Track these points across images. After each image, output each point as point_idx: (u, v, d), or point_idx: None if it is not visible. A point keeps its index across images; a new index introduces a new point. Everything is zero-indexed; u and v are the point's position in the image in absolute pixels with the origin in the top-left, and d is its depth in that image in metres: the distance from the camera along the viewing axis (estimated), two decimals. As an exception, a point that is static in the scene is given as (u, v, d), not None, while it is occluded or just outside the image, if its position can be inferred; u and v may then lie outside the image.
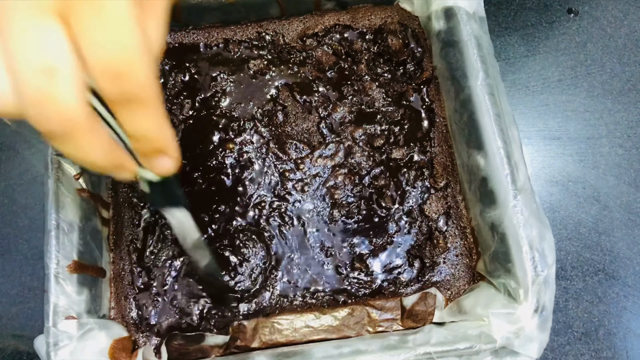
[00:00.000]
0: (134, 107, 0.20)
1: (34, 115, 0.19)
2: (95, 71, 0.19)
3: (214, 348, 0.40)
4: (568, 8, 0.55)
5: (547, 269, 0.35)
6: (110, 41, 0.18)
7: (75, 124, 0.19)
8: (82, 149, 0.21)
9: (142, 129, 0.22)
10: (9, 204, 0.51)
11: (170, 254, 0.43)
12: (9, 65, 0.19)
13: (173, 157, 0.24)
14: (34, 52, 0.18)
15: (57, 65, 0.18)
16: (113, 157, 0.22)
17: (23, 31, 0.18)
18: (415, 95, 0.47)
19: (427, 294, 0.41)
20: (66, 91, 0.18)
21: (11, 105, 0.19)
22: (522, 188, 0.37)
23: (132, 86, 0.20)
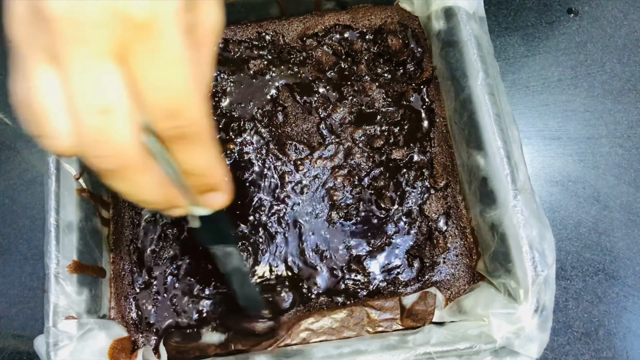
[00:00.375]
0: (188, 144, 0.21)
1: (91, 154, 0.20)
2: (151, 110, 0.20)
3: (210, 346, 0.40)
4: (568, 8, 0.55)
5: (547, 269, 0.35)
6: (165, 81, 0.19)
7: (130, 162, 0.20)
8: (136, 187, 0.21)
9: (196, 165, 0.22)
10: (9, 204, 0.51)
11: (171, 253, 0.43)
12: (69, 106, 0.19)
13: (225, 192, 0.25)
14: (92, 93, 0.19)
15: (113, 105, 0.19)
16: (166, 194, 0.23)
17: (82, 73, 0.19)
18: (415, 96, 0.47)
19: (427, 294, 0.41)
20: (121, 131, 0.19)
21: (70, 144, 0.20)
22: (522, 188, 0.37)
23: (186, 123, 0.20)
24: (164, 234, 0.44)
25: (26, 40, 0.19)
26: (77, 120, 0.19)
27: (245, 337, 0.40)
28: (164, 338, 0.41)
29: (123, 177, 0.21)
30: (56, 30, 0.18)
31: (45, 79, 0.19)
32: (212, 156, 0.23)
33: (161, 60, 0.19)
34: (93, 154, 0.20)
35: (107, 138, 0.19)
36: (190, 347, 0.40)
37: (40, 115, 0.20)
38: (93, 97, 0.19)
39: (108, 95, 0.19)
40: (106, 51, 0.19)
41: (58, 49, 0.19)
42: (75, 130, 0.19)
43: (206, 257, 0.43)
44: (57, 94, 0.19)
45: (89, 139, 0.19)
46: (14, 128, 0.53)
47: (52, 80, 0.19)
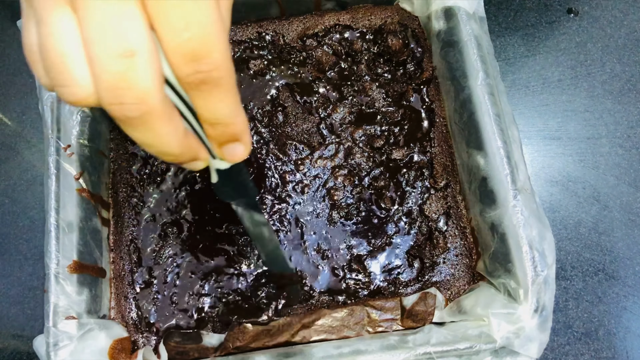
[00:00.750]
0: (210, 89, 0.20)
1: (111, 101, 0.19)
2: (173, 53, 0.19)
3: (209, 348, 0.40)
4: (568, 8, 0.55)
5: (547, 269, 0.35)
6: (189, 21, 0.18)
7: (153, 109, 0.19)
8: (157, 136, 0.20)
9: (218, 113, 0.22)
10: (9, 204, 0.51)
11: (171, 253, 0.43)
12: (87, 52, 0.18)
13: (246, 143, 0.24)
14: (113, 37, 0.18)
15: (136, 49, 0.18)
16: (187, 146, 0.22)
17: (103, 16, 0.18)
18: (415, 96, 0.47)
19: (427, 294, 0.41)
20: (145, 75, 0.18)
21: (90, 92, 0.19)
22: (522, 188, 0.37)
23: (209, 67, 0.19)
24: (164, 233, 0.44)
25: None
26: (97, 66, 0.18)
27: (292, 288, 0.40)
28: (164, 338, 0.41)
29: (145, 125, 0.20)
30: None
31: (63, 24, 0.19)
32: (234, 104, 0.22)
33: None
34: (114, 101, 0.19)
35: (129, 83, 0.18)
36: (189, 348, 0.40)
37: (59, 62, 0.19)
38: (114, 40, 0.18)
39: (130, 38, 0.18)
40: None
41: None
42: (95, 77, 0.19)
43: (206, 255, 0.43)
44: (76, 39, 0.19)
45: (110, 85, 0.19)
46: (14, 128, 0.53)
47: (70, 25, 0.19)
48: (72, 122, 0.41)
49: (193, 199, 0.44)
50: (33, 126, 0.53)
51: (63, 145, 0.40)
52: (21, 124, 0.53)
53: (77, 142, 0.41)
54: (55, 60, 0.19)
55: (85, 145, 0.42)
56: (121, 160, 0.46)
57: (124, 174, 0.45)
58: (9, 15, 0.57)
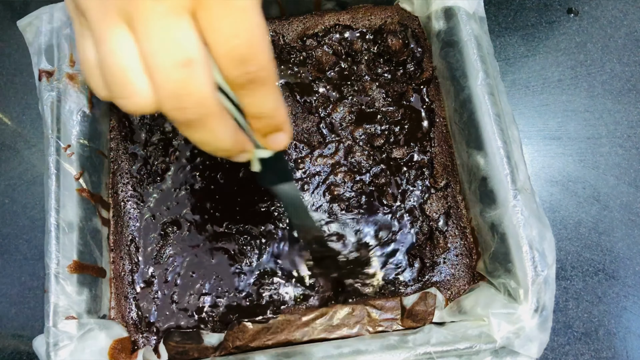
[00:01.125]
0: (257, 87, 0.22)
1: (173, 107, 0.21)
2: (223, 58, 0.21)
3: (209, 347, 0.40)
4: (568, 8, 0.55)
5: (547, 269, 0.35)
6: (237, 28, 0.20)
7: (210, 111, 0.21)
8: (214, 135, 0.22)
9: (264, 107, 0.24)
10: (9, 204, 0.51)
11: (171, 253, 0.43)
12: (146, 64, 0.20)
13: (287, 132, 0.26)
14: (172, 48, 0.20)
15: (193, 57, 0.20)
16: (237, 140, 0.24)
17: (160, 30, 0.19)
18: (415, 96, 0.47)
19: (427, 294, 0.41)
20: (202, 81, 0.20)
21: (151, 100, 0.21)
22: (522, 188, 0.37)
23: (256, 67, 0.21)
24: (164, 232, 0.44)
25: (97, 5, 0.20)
26: (159, 76, 0.20)
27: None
28: (164, 338, 0.41)
29: (203, 126, 0.22)
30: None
31: (121, 41, 0.20)
32: (277, 98, 0.24)
33: (234, 9, 0.20)
34: (175, 106, 0.21)
35: (189, 90, 0.20)
36: (189, 347, 0.40)
37: (120, 76, 0.21)
38: (174, 51, 0.20)
39: (187, 48, 0.20)
40: (182, 6, 0.19)
41: (133, 9, 0.19)
42: (157, 86, 0.20)
43: (207, 255, 0.43)
44: (134, 54, 0.20)
45: (171, 93, 0.20)
46: (14, 128, 0.53)
47: (128, 42, 0.20)
48: (72, 122, 0.41)
49: (193, 199, 0.45)
50: (33, 126, 0.53)
51: (63, 145, 0.40)
52: (21, 124, 0.53)
53: (77, 142, 0.41)
54: (117, 75, 0.21)
55: (85, 145, 0.42)
56: (121, 160, 0.46)
57: (124, 174, 0.45)
58: (9, 15, 0.57)
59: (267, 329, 0.41)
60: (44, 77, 0.41)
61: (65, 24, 0.42)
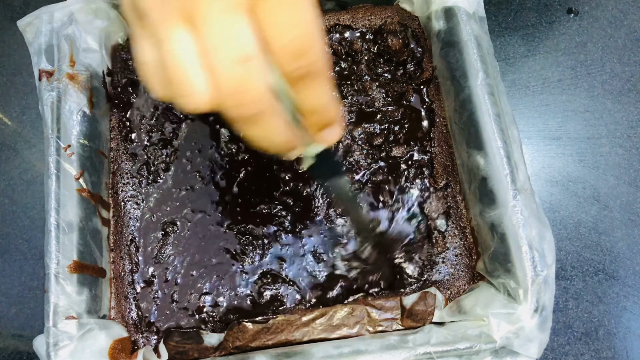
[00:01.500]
0: (311, 81, 0.22)
1: (232, 104, 0.21)
2: (280, 52, 0.21)
3: (209, 347, 0.40)
4: (568, 8, 0.55)
5: (546, 269, 0.35)
6: (294, 22, 0.21)
7: (267, 106, 0.22)
8: (269, 130, 0.23)
9: (317, 101, 0.24)
10: (9, 204, 0.51)
11: (171, 253, 0.43)
12: (206, 61, 0.20)
13: (340, 125, 0.26)
14: (230, 45, 0.20)
15: (251, 53, 0.20)
16: (291, 136, 0.24)
17: (219, 27, 0.20)
18: (415, 96, 0.47)
19: (426, 294, 0.41)
20: (259, 77, 0.21)
21: (210, 98, 0.21)
22: (521, 188, 0.37)
23: (311, 61, 0.22)
24: (165, 232, 0.44)
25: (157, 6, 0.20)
26: (217, 74, 0.20)
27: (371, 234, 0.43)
28: (164, 337, 0.41)
29: (260, 122, 0.22)
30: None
31: (181, 40, 0.20)
32: (330, 92, 0.24)
33: (290, 1, 0.20)
34: (234, 103, 0.21)
35: (248, 86, 0.20)
36: (189, 347, 0.40)
37: (180, 75, 0.21)
38: (232, 48, 0.20)
39: (245, 44, 0.20)
40: (239, 3, 0.20)
41: (192, 8, 0.20)
42: (216, 84, 0.21)
43: (207, 254, 0.43)
44: (192, 53, 0.21)
45: (230, 90, 0.21)
46: (14, 128, 0.53)
47: (187, 41, 0.20)
48: (72, 122, 0.41)
49: (193, 198, 0.45)
50: (33, 126, 0.53)
51: (63, 145, 0.40)
52: (21, 124, 0.53)
53: (77, 142, 0.41)
54: (177, 73, 0.21)
55: (85, 145, 0.42)
56: (121, 160, 0.46)
57: (124, 174, 0.45)
58: (9, 15, 0.57)
59: (267, 329, 0.41)
60: (44, 77, 0.41)
61: (65, 24, 0.42)
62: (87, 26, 0.43)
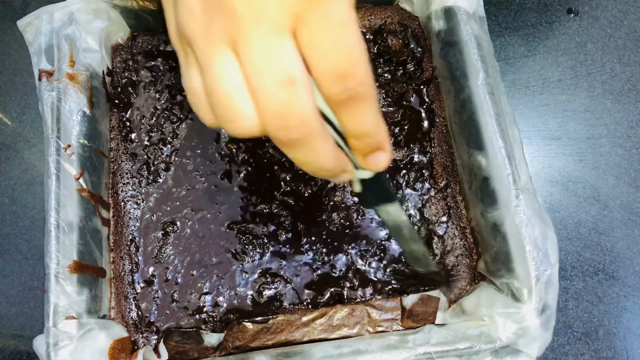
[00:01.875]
0: (357, 104, 0.22)
1: (277, 127, 0.21)
2: (323, 75, 0.21)
3: (209, 347, 0.40)
4: (568, 8, 0.55)
5: (550, 268, 0.35)
6: (337, 44, 0.20)
7: (313, 129, 0.21)
8: (316, 154, 0.22)
9: (364, 125, 0.23)
10: (9, 204, 0.51)
11: (172, 252, 0.43)
12: (250, 86, 0.20)
13: (388, 151, 0.25)
14: (275, 68, 0.20)
15: (295, 76, 0.20)
16: (338, 160, 0.24)
17: (264, 51, 0.20)
18: (415, 96, 0.47)
19: (428, 296, 0.41)
20: (305, 99, 0.20)
21: (257, 122, 0.21)
22: (524, 187, 0.37)
23: (356, 83, 0.21)
24: (165, 232, 0.44)
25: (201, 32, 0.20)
26: (263, 97, 0.20)
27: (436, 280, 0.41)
28: (164, 337, 0.41)
29: (306, 146, 0.22)
30: (234, 14, 0.19)
31: (226, 65, 0.20)
32: (377, 115, 0.23)
33: (333, 24, 0.20)
34: (279, 126, 0.21)
35: (293, 109, 0.20)
36: (189, 347, 0.40)
37: (225, 100, 0.21)
38: (277, 71, 0.20)
39: (290, 67, 0.20)
40: (283, 26, 0.20)
41: (236, 33, 0.20)
42: (261, 107, 0.20)
43: (207, 254, 0.43)
44: (239, 78, 0.20)
45: (276, 113, 0.20)
46: (14, 128, 0.53)
47: (233, 66, 0.20)
48: (72, 122, 0.41)
49: (193, 198, 0.44)
50: (33, 126, 0.53)
51: (63, 145, 0.40)
52: (21, 124, 0.53)
53: (77, 142, 0.41)
54: (222, 99, 0.21)
55: (85, 145, 0.41)
56: (121, 160, 0.46)
57: (124, 174, 0.45)
58: (9, 15, 0.57)
59: (267, 329, 0.41)
60: (44, 77, 0.41)
61: (66, 24, 0.42)
62: (87, 26, 0.43)
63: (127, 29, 0.48)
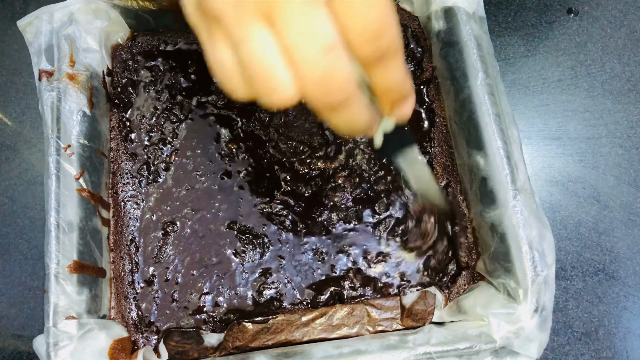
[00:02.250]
0: (388, 61, 0.23)
1: (321, 94, 0.22)
2: (358, 36, 0.21)
3: (209, 347, 0.40)
4: (568, 8, 0.55)
5: (546, 269, 0.35)
6: (370, 5, 0.21)
7: (353, 92, 0.22)
8: (355, 114, 0.23)
9: (394, 79, 0.24)
10: (9, 204, 0.51)
11: (172, 252, 0.43)
12: (289, 56, 0.21)
13: (414, 99, 0.27)
14: (315, 36, 0.20)
15: (335, 42, 0.20)
16: (372, 117, 0.25)
17: (302, 21, 0.20)
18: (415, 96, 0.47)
19: (426, 293, 0.41)
20: (345, 64, 0.21)
21: (296, 92, 0.22)
22: (521, 188, 0.37)
23: (388, 41, 0.22)
24: (165, 232, 0.44)
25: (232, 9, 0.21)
26: (303, 66, 0.21)
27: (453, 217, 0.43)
28: (164, 337, 0.41)
29: (346, 108, 0.22)
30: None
31: (263, 39, 0.21)
32: (405, 67, 0.24)
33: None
34: (324, 92, 0.21)
35: (336, 74, 0.21)
36: (189, 347, 0.40)
37: (264, 73, 0.21)
38: (316, 40, 0.20)
39: (327, 34, 0.20)
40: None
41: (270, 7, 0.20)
42: (302, 76, 0.21)
43: (207, 254, 0.43)
44: (276, 50, 0.21)
45: (318, 79, 0.21)
46: (14, 128, 0.53)
47: (269, 38, 0.21)
48: (72, 122, 0.41)
49: (193, 198, 0.45)
50: (33, 126, 0.53)
51: (63, 145, 0.40)
52: (21, 124, 0.53)
53: (77, 142, 0.41)
54: (261, 72, 0.21)
55: (85, 145, 0.42)
56: (121, 160, 0.46)
57: (124, 174, 0.45)
58: (9, 15, 0.57)
59: (267, 329, 0.41)
60: (44, 77, 0.41)
61: (66, 24, 0.42)
62: (87, 26, 0.43)
63: (127, 29, 0.48)
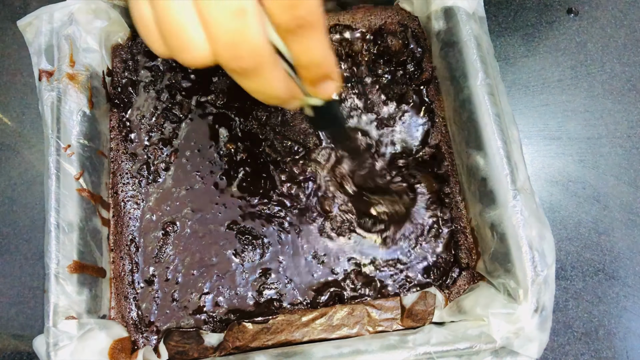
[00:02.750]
0: (305, 33, 0.23)
1: (230, 56, 0.22)
2: (273, 4, 0.21)
3: (209, 347, 0.40)
4: (568, 8, 0.55)
5: (546, 269, 0.35)
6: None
7: (265, 59, 0.22)
8: (268, 82, 0.23)
9: (312, 55, 0.24)
10: (9, 204, 0.51)
11: (172, 252, 0.43)
12: (202, 17, 0.21)
13: (337, 80, 0.26)
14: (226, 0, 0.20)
15: (246, 7, 0.20)
16: (289, 87, 0.25)
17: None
18: (415, 96, 0.47)
19: (426, 294, 0.41)
20: (256, 30, 0.21)
21: (208, 52, 0.22)
22: (521, 188, 0.37)
23: (305, 11, 0.22)
24: (165, 232, 0.44)
25: None
26: (214, 28, 0.21)
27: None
28: (164, 337, 0.41)
29: (258, 74, 0.23)
30: None
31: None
32: (325, 45, 0.24)
33: None
34: (232, 56, 0.22)
35: (244, 39, 0.21)
36: (189, 347, 0.40)
37: (178, 30, 0.22)
38: (227, 2, 0.20)
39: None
40: None
41: None
42: (213, 37, 0.21)
43: (207, 254, 0.43)
44: (190, 9, 0.21)
45: (228, 43, 0.21)
46: (14, 128, 0.53)
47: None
48: (72, 122, 0.41)
49: (193, 198, 0.45)
50: (33, 126, 0.53)
51: (63, 145, 0.40)
52: (21, 124, 0.53)
53: (77, 142, 0.41)
54: (174, 29, 0.22)
55: (85, 145, 0.42)
56: (121, 160, 0.46)
57: (124, 174, 0.45)
58: (9, 15, 0.57)
59: (267, 329, 0.41)
60: (44, 77, 0.41)
61: (66, 24, 0.42)
62: (87, 26, 0.43)
63: (127, 29, 0.48)
